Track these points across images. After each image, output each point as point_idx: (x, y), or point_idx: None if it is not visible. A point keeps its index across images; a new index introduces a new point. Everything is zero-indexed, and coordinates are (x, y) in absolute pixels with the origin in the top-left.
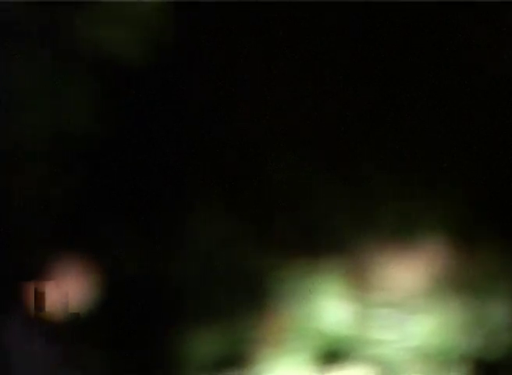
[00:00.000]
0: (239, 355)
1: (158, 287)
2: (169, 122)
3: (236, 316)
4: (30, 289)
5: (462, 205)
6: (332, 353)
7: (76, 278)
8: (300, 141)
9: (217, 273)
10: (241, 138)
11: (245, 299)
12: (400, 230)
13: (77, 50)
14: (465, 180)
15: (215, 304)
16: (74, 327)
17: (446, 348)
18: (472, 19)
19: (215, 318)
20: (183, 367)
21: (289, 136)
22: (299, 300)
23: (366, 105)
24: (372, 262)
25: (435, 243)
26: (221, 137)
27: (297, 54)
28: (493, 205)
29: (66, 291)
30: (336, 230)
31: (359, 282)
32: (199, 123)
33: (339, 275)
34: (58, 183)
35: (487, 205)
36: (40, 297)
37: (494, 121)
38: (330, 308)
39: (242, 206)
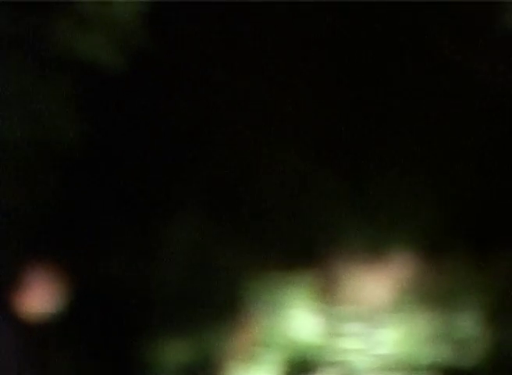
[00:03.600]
0: (208, 365)
1: (130, 294)
2: (151, 126)
3: (207, 326)
4: (6, 294)
5: (432, 218)
6: (302, 365)
7: (50, 284)
8: (287, 152)
9: (190, 283)
10: (225, 145)
11: (216, 309)
12: (371, 243)
13: (55, 56)
14: (436, 194)
15: (186, 313)
16: (47, 332)
17: (414, 358)
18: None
19: (186, 327)
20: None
21: (276, 144)
22: (270, 312)
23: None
24: (343, 274)
25: (405, 255)
26: (204, 142)
27: (296, 53)
28: (463, 219)
29: (40, 296)
30: (308, 243)
31: (329, 294)
32: (181, 127)
33: (310, 287)
34: (33, 189)
35: (456, 218)
36: (15, 301)
37: (472, 135)
38: (300, 320)
39: (217, 217)
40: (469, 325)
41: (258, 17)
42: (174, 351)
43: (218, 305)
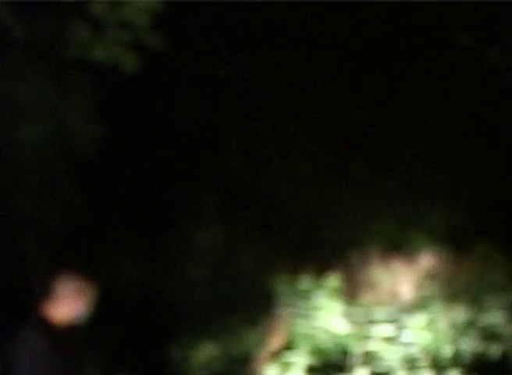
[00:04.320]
0: (238, 367)
1: (158, 300)
2: (167, 131)
3: (236, 329)
4: (35, 305)
5: (458, 216)
6: (330, 365)
7: (79, 290)
8: (299, 154)
9: (218, 287)
10: (242, 149)
11: (246, 312)
12: (398, 242)
13: (70, 58)
14: (462, 192)
15: (215, 316)
16: (78, 339)
17: (441, 351)
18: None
19: (215, 330)
20: None
21: (290, 148)
22: (299, 313)
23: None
24: (369, 272)
25: (431, 251)
26: (221, 146)
27: (298, 59)
28: (489, 217)
29: (70, 303)
30: (336, 244)
31: (357, 294)
32: (197, 131)
33: (337, 288)
34: (56, 198)
35: (483, 216)
36: (46, 312)
37: (492, 133)
38: (329, 321)
39: (244, 220)
40: (495, 321)
41: (274, 18)
42: (203, 355)
43: (247, 308)
